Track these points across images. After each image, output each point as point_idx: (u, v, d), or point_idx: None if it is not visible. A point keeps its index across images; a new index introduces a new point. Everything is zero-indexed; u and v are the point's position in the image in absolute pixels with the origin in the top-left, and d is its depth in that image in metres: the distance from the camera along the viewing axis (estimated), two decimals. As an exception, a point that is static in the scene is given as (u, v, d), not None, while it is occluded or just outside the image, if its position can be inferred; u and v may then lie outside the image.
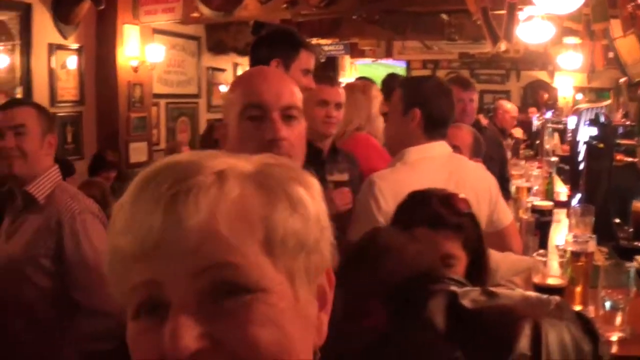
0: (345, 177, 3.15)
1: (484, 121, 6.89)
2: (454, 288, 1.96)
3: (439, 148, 3.24)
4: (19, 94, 7.17)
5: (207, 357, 0.83)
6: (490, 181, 3.36)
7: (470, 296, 1.92)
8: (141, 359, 0.87)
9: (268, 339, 0.85)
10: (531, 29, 8.18)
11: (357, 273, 2.08)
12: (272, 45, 3.29)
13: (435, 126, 3.22)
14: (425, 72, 17.28)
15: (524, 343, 1.75)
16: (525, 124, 12.09)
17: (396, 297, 2.00)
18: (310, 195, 0.94)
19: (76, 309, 2.84)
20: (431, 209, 2.27)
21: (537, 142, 10.50)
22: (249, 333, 0.84)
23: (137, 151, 8.62)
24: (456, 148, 3.59)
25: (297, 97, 2.13)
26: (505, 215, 3.35)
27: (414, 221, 2.24)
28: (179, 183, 0.86)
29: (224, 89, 11.41)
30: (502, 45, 9.11)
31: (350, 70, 15.87)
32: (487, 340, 1.81)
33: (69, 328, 2.85)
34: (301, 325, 0.91)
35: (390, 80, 6.01)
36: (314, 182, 0.97)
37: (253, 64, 3.36)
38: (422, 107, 3.19)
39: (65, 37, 8.02)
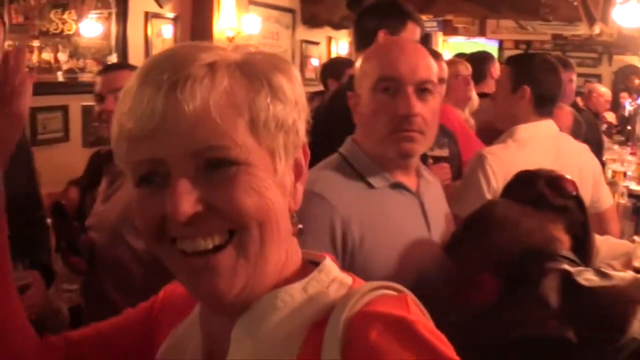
0: (445, 152, 3.09)
1: (580, 103, 6.58)
2: (566, 266, 1.95)
3: (548, 127, 3.20)
4: (112, 61, 6.95)
5: (203, 218, 0.98)
6: (594, 163, 3.29)
7: (583, 276, 1.92)
8: (145, 220, 1.02)
9: (250, 203, 0.99)
10: (627, 12, 7.65)
11: (471, 245, 2.10)
12: (379, 15, 3.24)
13: (544, 103, 3.18)
14: (518, 53, 16.72)
15: (636, 327, 1.76)
16: (617, 109, 11.67)
17: (510, 272, 2.01)
18: (290, 81, 1.05)
19: (168, 272, 2.66)
20: (536, 190, 2.21)
21: (629, 127, 10.04)
22: (235, 197, 0.98)
23: None
24: (557, 129, 3.52)
25: (432, 71, 2.06)
26: (607, 198, 3.30)
27: (519, 201, 2.17)
28: (177, 72, 0.96)
29: (315, 62, 11.15)
30: (597, 28, 8.65)
31: (442, 48, 15.38)
32: (599, 321, 1.82)
33: (158, 289, 2.70)
34: (279, 193, 1.04)
35: (480, 59, 5.72)
36: (294, 70, 1.07)
37: (359, 34, 3.28)
38: (532, 84, 3.14)
39: (161, 6, 7.80)
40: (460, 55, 5.64)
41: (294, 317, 1.06)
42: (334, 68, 6.43)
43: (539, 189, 2.22)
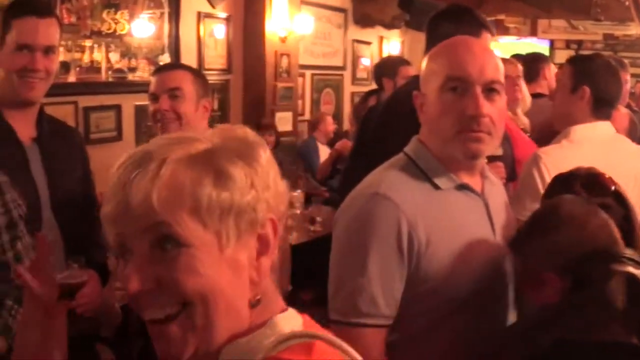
0: (499, 151, 2.94)
1: (632, 104, 6.22)
2: (631, 269, 1.89)
3: (604, 128, 3.14)
4: (163, 61, 6.82)
5: (154, 292, 1.10)
6: None
7: None
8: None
9: (190, 282, 1.09)
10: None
11: (536, 242, 2.03)
12: (455, 22, 3.15)
13: (603, 105, 3.11)
14: (569, 53, 16.27)
15: None
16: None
17: (575, 271, 1.94)
18: (249, 167, 1.14)
19: None
20: (573, 192, 2.16)
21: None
22: (176, 277, 1.09)
23: (283, 121, 8.14)
24: (613, 131, 3.40)
25: (500, 70, 2.00)
26: None
27: None
28: (135, 170, 1.11)
29: (366, 62, 10.85)
30: (648, 28, 8.29)
31: (494, 48, 14.94)
32: None
33: None
34: (228, 270, 1.13)
35: (533, 60, 5.46)
36: (261, 155, 1.17)
37: (433, 38, 3.14)
38: (592, 85, 3.07)
39: (213, 6, 7.61)
40: (515, 56, 5.35)
41: None
42: (387, 67, 6.26)
43: (575, 191, 2.17)
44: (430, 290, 1.91)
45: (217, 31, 7.69)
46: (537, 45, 15.15)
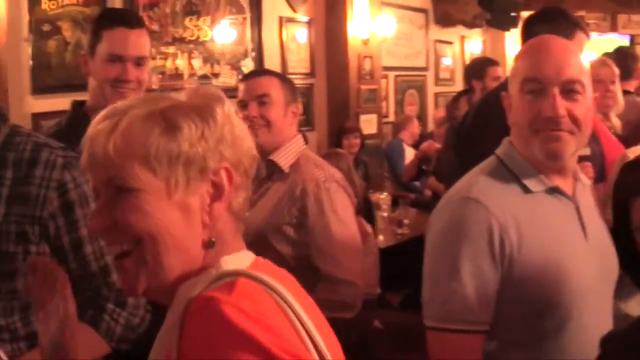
0: (587, 151, 2.80)
1: None
2: None
3: None
4: (246, 66, 6.73)
5: (112, 231, 1.21)
6: None
7: None
8: None
9: (135, 220, 1.18)
10: None
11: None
12: (550, 23, 3.15)
13: None
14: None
15: None
16: None
17: None
18: (203, 121, 1.21)
19: (315, 276, 2.72)
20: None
21: None
22: (124, 216, 1.18)
23: (368, 123, 7.82)
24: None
25: (581, 70, 1.94)
26: None
27: (631, 191, 1.86)
28: (101, 123, 1.22)
29: (448, 62, 10.51)
30: None
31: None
32: None
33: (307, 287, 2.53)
34: (178, 213, 1.20)
35: (623, 56, 5.08)
36: (217, 112, 1.23)
37: (527, 41, 2.90)
38: None
39: (295, 10, 7.42)
40: (606, 55, 4.98)
41: (178, 305, 1.20)
42: (475, 68, 6.05)
43: None
44: (524, 294, 1.85)
45: (299, 35, 7.52)
46: (618, 40, 14.53)
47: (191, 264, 1.23)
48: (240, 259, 1.27)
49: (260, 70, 4.37)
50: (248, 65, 6.72)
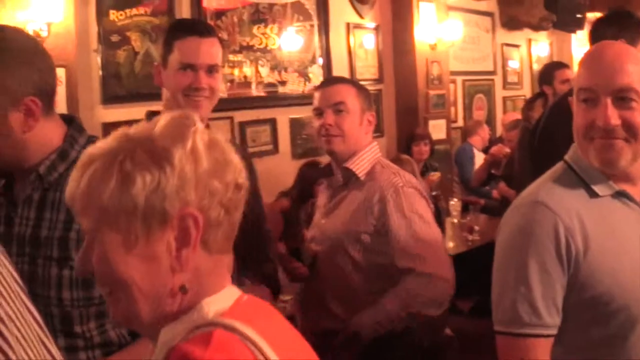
0: None
1: None
2: None
3: None
4: (313, 73, 6.61)
5: (94, 275, 1.19)
6: None
7: None
8: None
9: (105, 273, 1.17)
10: None
11: None
12: (618, 25, 3.14)
13: None
14: None
15: None
16: None
17: None
18: (157, 167, 1.15)
19: (386, 282, 2.71)
20: None
21: None
22: (95, 268, 1.18)
23: (436, 128, 7.56)
24: None
25: (637, 78, 1.84)
26: None
27: None
28: (73, 174, 1.21)
29: (515, 65, 10.10)
30: None
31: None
32: None
33: (377, 293, 2.74)
34: (143, 264, 1.17)
35: None
36: (174, 154, 1.16)
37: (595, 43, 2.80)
38: None
39: (362, 17, 7.20)
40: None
41: (162, 349, 1.18)
42: (545, 74, 5.82)
43: None
44: (591, 299, 1.82)
45: (367, 41, 7.30)
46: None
47: (166, 309, 1.20)
48: (222, 300, 1.23)
49: (335, 78, 4.24)
50: (315, 72, 6.60)
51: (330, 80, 3.28)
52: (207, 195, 1.18)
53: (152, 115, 2.56)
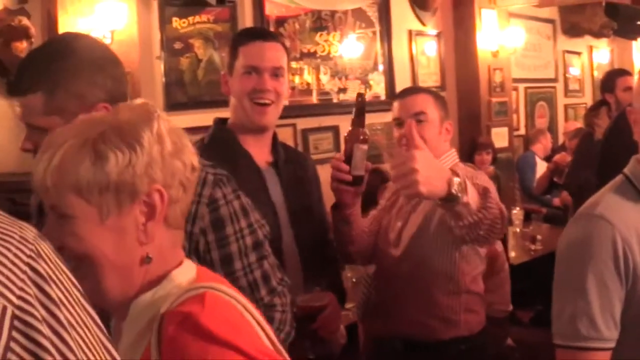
0: None
1: None
2: None
3: None
4: (374, 79, 6.49)
5: (59, 252, 1.04)
6: None
7: None
8: None
9: (75, 246, 1.22)
10: None
11: None
12: None
13: None
14: None
15: None
16: None
17: None
18: (128, 147, 1.22)
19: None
20: None
21: None
22: (65, 241, 1.21)
23: (499, 136, 7.34)
24: None
25: None
26: None
27: None
28: (39, 158, 1.25)
29: (576, 72, 9.78)
30: None
31: None
32: None
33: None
34: (112, 236, 1.24)
35: None
36: (142, 136, 1.24)
37: None
38: None
39: (424, 24, 7.02)
40: None
41: (141, 319, 1.25)
42: (606, 82, 5.63)
43: None
44: None
45: (429, 48, 7.12)
46: None
47: (134, 280, 1.28)
48: (188, 270, 1.33)
49: (414, 88, 4.16)
50: (376, 79, 6.48)
51: (409, 90, 3.14)
52: (170, 174, 1.27)
53: (220, 122, 2.63)
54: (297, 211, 2.57)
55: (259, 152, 2.55)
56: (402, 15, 6.77)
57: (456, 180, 2.03)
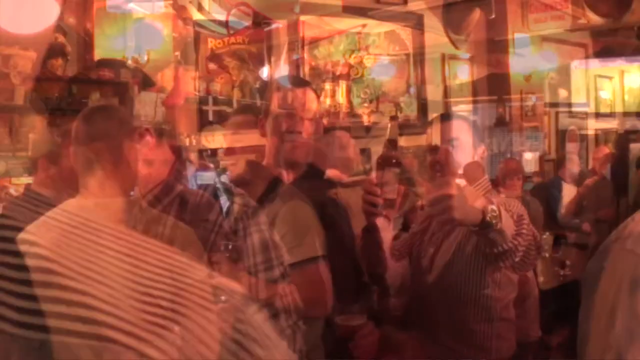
0: None
1: None
2: None
3: None
4: (404, 102, 6.46)
5: None
6: None
7: None
8: None
9: None
10: None
11: None
12: None
13: None
14: None
15: None
16: None
17: None
18: None
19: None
20: None
21: None
22: None
23: (530, 161, 7.29)
24: None
25: None
26: None
27: None
28: None
29: (607, 96, 9.56)
30: None
31: None
32: None
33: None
34: None
35: None
36: None
37: None
38: None
39: (457, 48, 6.96)
40: None
41: None
42: None
43: None
44: None
45: (461, 72, 7.09)
46: None
47: None
48: None
49: (449, 114, 4.22)
50: (407, 102, 6.42)
51: (443, 116, 3.12)
52: None
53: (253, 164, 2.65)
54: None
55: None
56: (436, 39, 6.71)
57: (490, 207, 1.98)
